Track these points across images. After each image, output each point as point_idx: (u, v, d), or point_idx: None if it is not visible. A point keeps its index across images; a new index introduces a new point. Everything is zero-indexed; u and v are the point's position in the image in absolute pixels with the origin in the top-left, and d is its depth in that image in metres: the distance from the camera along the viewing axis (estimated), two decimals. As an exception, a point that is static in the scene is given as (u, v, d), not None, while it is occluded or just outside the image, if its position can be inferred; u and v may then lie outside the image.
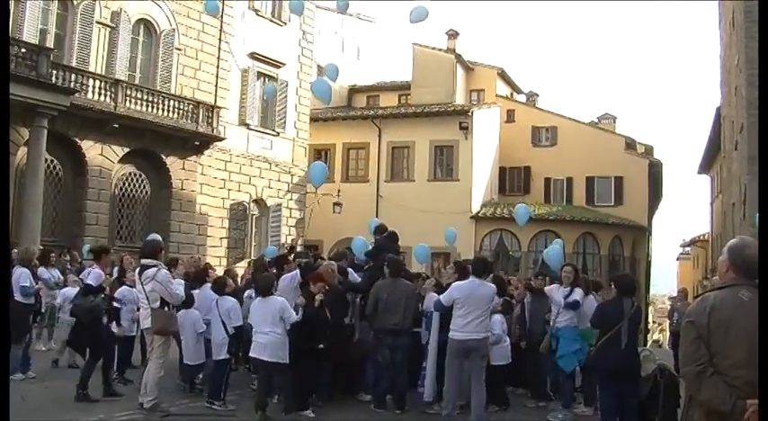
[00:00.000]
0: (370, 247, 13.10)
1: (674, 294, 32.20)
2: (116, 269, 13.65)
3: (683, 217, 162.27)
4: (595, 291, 12.09)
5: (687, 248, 62.36)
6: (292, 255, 12.88)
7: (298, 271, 11.16)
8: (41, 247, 17.29)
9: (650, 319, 57.63)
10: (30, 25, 23.44)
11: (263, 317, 9.35)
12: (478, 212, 35.68)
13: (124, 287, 11.76)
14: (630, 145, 40.10)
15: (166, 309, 9.63)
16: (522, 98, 45.49)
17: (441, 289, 11.52)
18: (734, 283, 4.08)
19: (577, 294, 10.98)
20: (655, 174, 39.76)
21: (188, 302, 10.47)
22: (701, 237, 49.30)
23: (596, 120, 43.07)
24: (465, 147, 36.12)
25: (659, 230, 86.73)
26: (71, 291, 13.73)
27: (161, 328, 9.58)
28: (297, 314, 9.95)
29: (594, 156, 38.09)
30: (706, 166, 40.37)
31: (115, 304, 11.30)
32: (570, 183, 39.37)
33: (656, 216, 44.71)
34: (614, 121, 43.18)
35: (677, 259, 73.17)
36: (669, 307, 29.56)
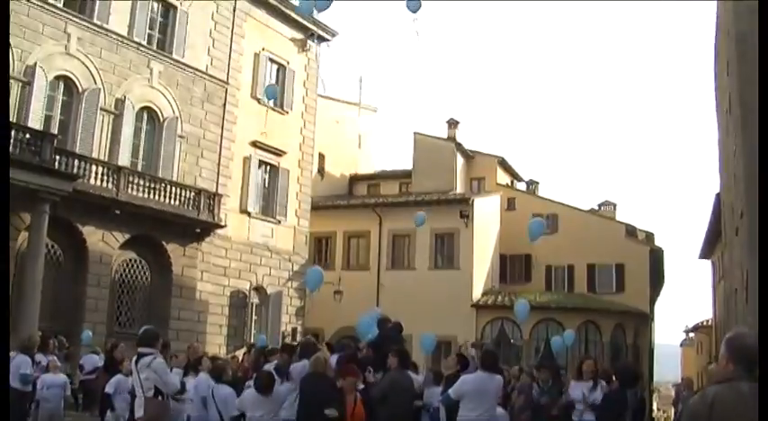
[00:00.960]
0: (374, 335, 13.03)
1: (679, 381, 31.81)
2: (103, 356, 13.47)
3: (686, 302, 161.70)
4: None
5: (691, 334, 61.85)
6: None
7: (305, 361, 10.95)
8: (40, 333, 17.18)
9: (655, 407, 56.84)
10: (35, 111, 23.74)
11: (260, 409, 9.17)
12: (479, 301, 35.56)
13: (119, 376, 11.62)
14: (631, 232, 40.21)
15: (160, 397, 9.47)
16: (522, 186, 45.76)
17: (441, 379, 11.39)
18: (733, 377, 4.01)
19: (601, 391, 10.84)
20: (656, 260, 39.75)
21: (181, 391, 10.33)
22: (705, 323, 48.90)
23: (596, 208, 43.25)
24: (466, 236, 36.20)
25: (662, 316, 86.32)
26: (51, 377, 13.55)
27: (154, 418, 9.41)
28: None
29: (595, 244, 38.12)
30: (707, 252, 40.31)
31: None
32: (571, 270, 39.31)
33: (658, 302, 44.51)
34: (614, 208, 43.33)
35: (681, 345, 72.59)
36: (674, 394, 29.21)
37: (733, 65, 21.25)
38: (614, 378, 9.41)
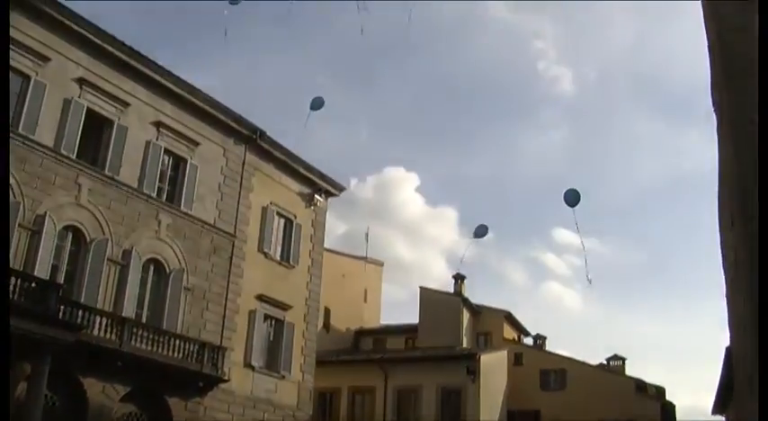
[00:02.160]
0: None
1: None
2: None
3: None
4: None
5: (709, 493, 59.74)
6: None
7: None
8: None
9: None
10: (42, 260, 23.80)
11: None
12: (487, 458, 34.68)
13: None
14: (641, 387, 39.64)
15: None
16: (529, 341, 45.49)
17: None
18: None
19: None
20: (668, 416, 38.97)
21: None
22: (724, 481, 47.37)
23: (605, 362, 42.81)
24: (472, 392, 35.71)
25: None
26: None
27: None
28: None
29: (605, 399, 37.50)
30: (721, 407, 39.45)
31: None
32: (581, 427, 38.50)
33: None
34: (623, 363, 42.87)
35: None
36: None
37: (737, 220, 21.45)
38: None
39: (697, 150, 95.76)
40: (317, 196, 35.98)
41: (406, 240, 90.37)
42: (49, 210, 24.34)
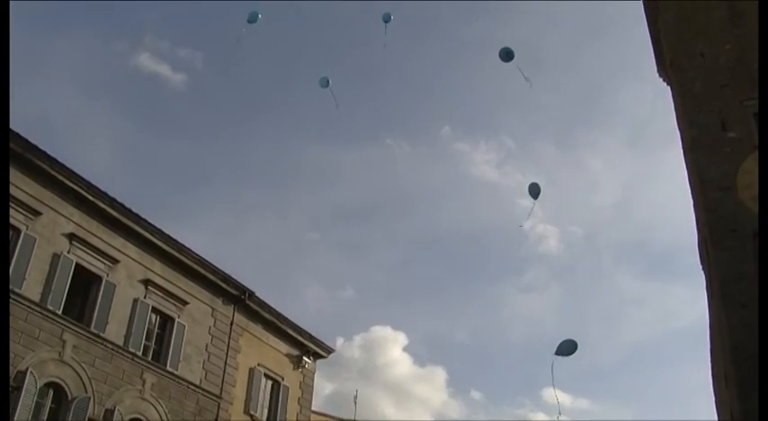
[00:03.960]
0: None
1: None
2: None
3: None
4: None
5: None
6: None
7: None
8: None
9: None
10: (20, 419, 23.02)
11: None
12: None
13: None
14: None
15: None
16: None
17: None
18: None
19: None
20: None
21: None
22: None
23: None
24: None
25: None
26: None
27: None
28: None
29: None
30: None
31: None
32: None
33: None
34: None
35: None
36: None
37: (731, 380, 21.05)
38: None
39: (686, 307, 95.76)
40: (305, 358, 35.52)
41: (395, 400, 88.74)
42: (31, 366, 23.78)
